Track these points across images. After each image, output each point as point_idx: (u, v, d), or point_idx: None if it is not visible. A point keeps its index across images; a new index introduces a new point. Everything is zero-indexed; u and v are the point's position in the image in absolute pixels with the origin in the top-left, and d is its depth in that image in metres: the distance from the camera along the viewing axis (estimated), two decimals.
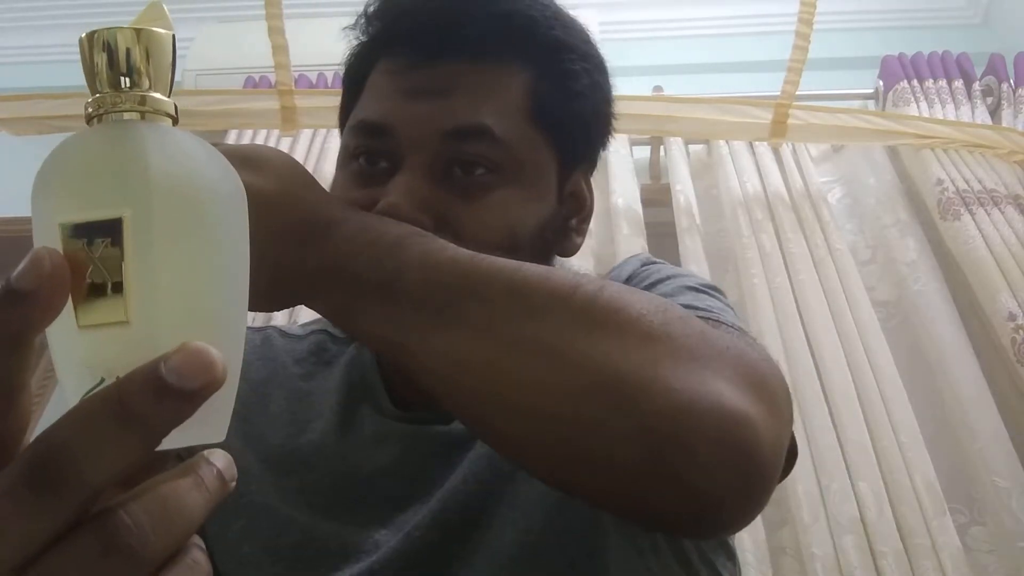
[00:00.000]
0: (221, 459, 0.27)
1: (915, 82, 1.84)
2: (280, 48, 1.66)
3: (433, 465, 0.57)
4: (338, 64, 0.65)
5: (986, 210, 1.58)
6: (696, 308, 0.51)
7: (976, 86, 1.84)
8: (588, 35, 0.63)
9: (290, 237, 0.44)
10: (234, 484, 0.27)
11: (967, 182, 1.63)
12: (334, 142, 1.75)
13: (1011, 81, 1.81)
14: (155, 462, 0.26)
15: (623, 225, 1.62)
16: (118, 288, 0.25)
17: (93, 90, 0.27)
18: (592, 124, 0.63)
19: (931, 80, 1.84)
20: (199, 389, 0.24)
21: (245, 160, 0.45)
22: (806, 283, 1.54)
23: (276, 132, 1.77)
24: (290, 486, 0.59)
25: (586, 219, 0.65)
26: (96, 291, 0.25)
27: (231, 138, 1.77)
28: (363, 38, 0.62)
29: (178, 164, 0.26)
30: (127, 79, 0.27)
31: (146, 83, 0.27)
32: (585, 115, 0.62)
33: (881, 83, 1.90)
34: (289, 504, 0.58)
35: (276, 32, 1.64)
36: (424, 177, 0.55)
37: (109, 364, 0.25)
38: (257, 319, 1.50)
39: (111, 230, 0.25)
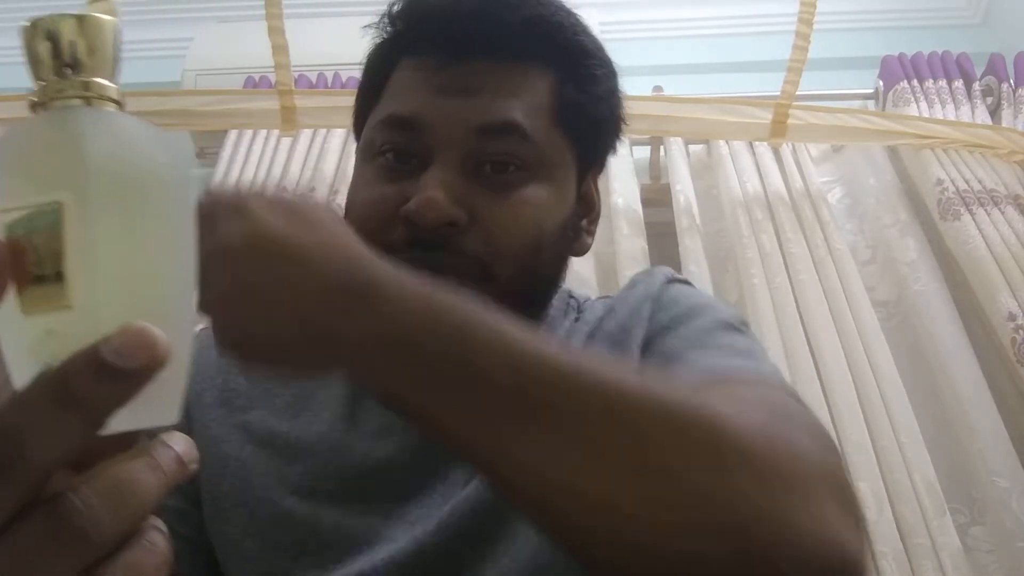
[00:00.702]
0: (180, 442, 0.27)
1: (915, 82, 1.84)
2: (280, 48, 1.65)
3: (438, 459, 0.57)
4: (339, 65, 0.66)
5: (986, 210, 1.57)
6: (741, 366, 0.51)
7: (976, 86, 1.83)
8: (601, 43, 0.65)
9: (332, 297, 0.38)
10: (195, 467, 0.27)
11: (967, 182, 1.63)
12: (334, 142, 1.74)
13: (1011, 81, 1.81)
14: (120, 446, 0.26)
15: (623, 225, 1.62)
16: (60, 273, 0.25)
17: (38, 78, 0.27)
18: (608, 128, 0.65)
19: (931, 80, 1.84)
20: (140, 368, 0.24)
21: (288, 211, 0.41)
22: (806, 283, 1.54)
23: (276, 132, 1.77)
24: (293, 473, 0.59)
25: (595, 220, 0.67)
26: (38, 277, 0.25)
27: (231, 138, 1.77)
28: (386, 37, 0.63)
29: (120, 148, 0.26)
30: (70, 66, 0.27)
31: (89, 70, 0.27)
32: (603, 119, 0.64)
33: (881, 83, 1.90)
34: (291, 496, 0.58)
35: (276, 32, 1.64)
36: (456, 172, 0.56)
37: (55, 350, 0.25)
38: None
39: (50, 215, 0.25)
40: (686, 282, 0.67)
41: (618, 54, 0.66)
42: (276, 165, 1.73)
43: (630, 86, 0.67)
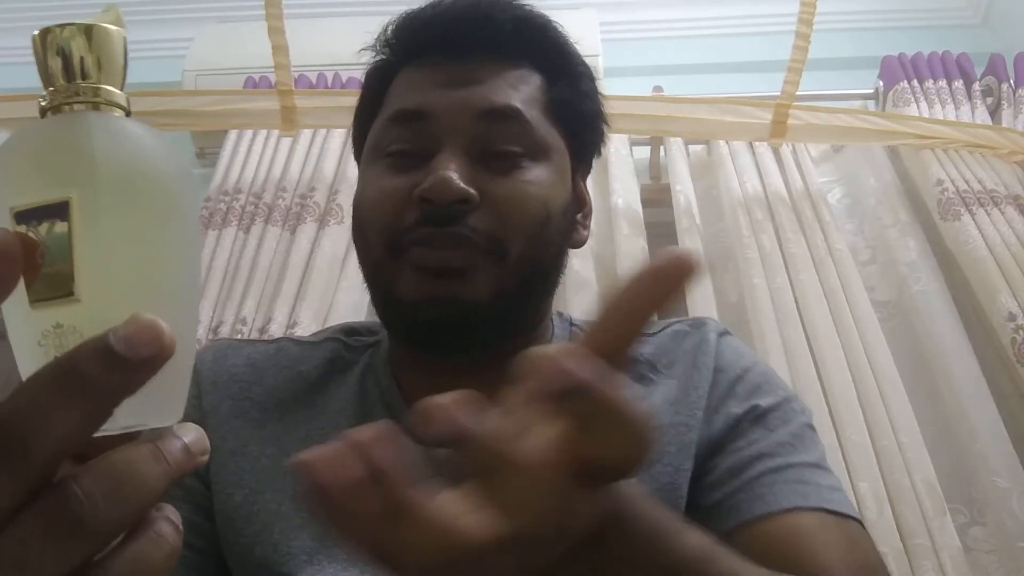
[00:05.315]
0: (190, 433, 0.27)
1: (915, 82, 1.84)
2: (280, 48, 1.65)
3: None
4: (339, 65, 0.68)
5: (986, 210, 1.58)
6: (834, 499, 0.56)
7: (976, 86, 1.83)
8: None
9: None
10: (205, 459, 0.27)
11: (967, 182, 1.63)
12: (334, 142, 1.74)
13: (1011, 81, 1.81)
14: (123, 439, 0.26)
15: (623, 225, 1.62)
16: (68, 266, 0.25)
17: (47, 84, 0.28)
18: (595, 124, 0.69)
19: (931, 80, 1.84)
20: (148, 359, 0.24)
21: None
22: (806, 283, 1.54)
23: (276, 132, 1.77)
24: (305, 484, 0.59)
25: (588, 215, 0.70)
26: (47, 270, 0.26)
27: (231, 138, 1.77)
28: (385, 55, 0.66)
29: (125, 149, 0.27)
30: (81, 74, 0.28)
31: (98, 77, 0.28)
32: (591, 115, 0.68)
33: (881, 83, 1.90)
34: (302, 509, 0.58)
35: (276, 32, 1.64)
36: (463, 156, 0.59)
37: (62, 342, 0.25)
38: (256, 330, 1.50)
39: (59, 211, 0.26)
40: (730, 333, 0.69)
41: (618, 54, 0.68)
42: (276, 165, 1.73)
43: (630, 86, 0.69)
